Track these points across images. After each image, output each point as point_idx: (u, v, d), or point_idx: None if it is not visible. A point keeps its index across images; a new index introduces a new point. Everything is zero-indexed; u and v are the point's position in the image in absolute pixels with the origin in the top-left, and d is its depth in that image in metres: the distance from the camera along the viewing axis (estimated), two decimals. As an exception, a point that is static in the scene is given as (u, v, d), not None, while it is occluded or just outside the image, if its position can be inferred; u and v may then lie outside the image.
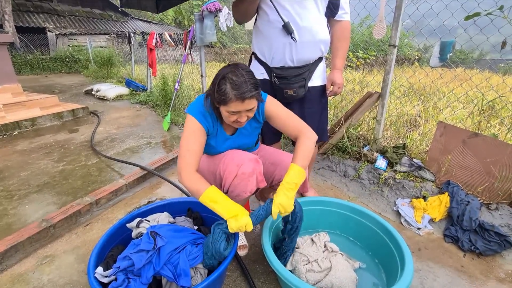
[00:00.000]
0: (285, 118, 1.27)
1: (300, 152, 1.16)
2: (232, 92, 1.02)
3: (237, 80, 1.02)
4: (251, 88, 1.03)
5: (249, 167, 1.20)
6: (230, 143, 1.32)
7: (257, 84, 1.08)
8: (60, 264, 1.38)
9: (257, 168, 1.23)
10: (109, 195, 1.89)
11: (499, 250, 1.44)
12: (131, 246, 1.09)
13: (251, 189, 1.23)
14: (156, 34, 4.84)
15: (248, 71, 1.08)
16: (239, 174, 1.19)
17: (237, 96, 1.02)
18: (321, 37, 1.44)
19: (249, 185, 1.22)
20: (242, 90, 1.02)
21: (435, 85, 3.61)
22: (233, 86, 1.02)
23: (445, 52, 1.69)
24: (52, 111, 3.89)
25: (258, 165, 1.24)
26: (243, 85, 1.02)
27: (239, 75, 1.04)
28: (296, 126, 1.24)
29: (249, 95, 1.02)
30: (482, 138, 1.67)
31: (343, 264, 1.25)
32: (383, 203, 1.90)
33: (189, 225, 1.36)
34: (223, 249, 1.05)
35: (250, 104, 1.06)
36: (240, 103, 1.04)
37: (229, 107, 1.05)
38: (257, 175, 1.23)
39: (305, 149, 1.17)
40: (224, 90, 1.03)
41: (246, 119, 1.12)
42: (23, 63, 9.98)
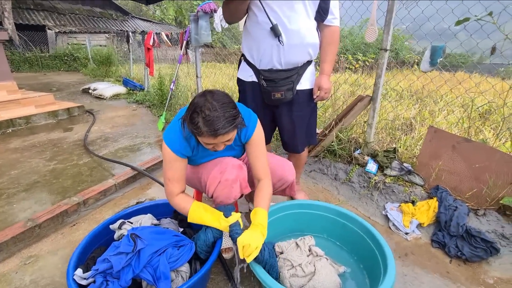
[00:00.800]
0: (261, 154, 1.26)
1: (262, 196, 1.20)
2: (204, 128, 0.96)
3: (209, 115, 0.95)
4: (225, 124, 0.97)
5: (233, 174, 1.19)
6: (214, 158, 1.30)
7: (234, 116, 1.01)
8: (43, 265, 1.38)
9: (241, 175, 1.22)
10: (98, 195, 1.88)
11: (485, 256, 1.43)
12: (112, 248, 1.08)
13: (235, 196, 1.22)
14: (153, 33, 4.83)
15: (224, 102, 1.00)
16: (222, 181, 1.18)
17: (209, 133, 0.97)
18: (309, 40, 1.43)
19: (233, 192, 1.21)
20: (214, 127, 0.96)
21: (432, 88, 3.62)
22: (205, 122, 0.96)
23: (436, 57, 1.69)
24: (47, 109, 3.88)
25: (241, 172, 1.23)
26: (215, 121, 0.96)
27: (212, 109, 0.96)
28: (264, 168, 1.25)
29: (222, 131, 0.97)
30: (472, 143, 1.66)
31: (327, 268, 1.25)
32: (372, 207, 1.89)
33: (174, 227, 1.35)
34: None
35: (224, 138, 1.01)
36: (212, 139, 1.00)
37: (202, 139, 1.03)
38: (240, 182, 1.22)
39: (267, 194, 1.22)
40: (197, 124, 0.97)
41: (223, 147, 1.09)
42: (22, 60, 9.97)
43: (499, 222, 1.53)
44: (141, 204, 1.47)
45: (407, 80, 4.48)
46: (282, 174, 1.38)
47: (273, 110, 1.63)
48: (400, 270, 1.41)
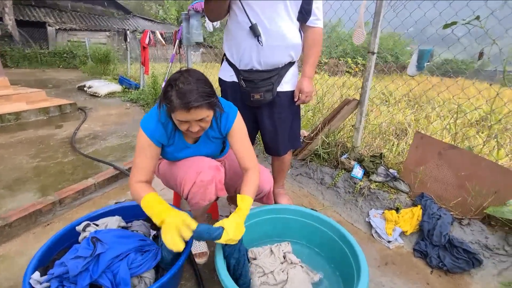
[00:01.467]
0: (245, 146, 1.24)
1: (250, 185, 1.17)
2: (177, 101, 0.95)
3: (183, 88, 0.95)
4: (198, 98, 0.95)
5: (209, 175, 1.16)
6: (191, 152, 1.26)
7: (209, 94, 1.00)
8: (9, 266, 1.33)
9: (217, 176, 1.19)
10: (75, 195, 1.84)
11: (467, 268, 1.39)
12: (72, 251, 1.04)
13: (210, 198, 1.18)
14: (149, 32, 4.81)
15: (200, 78, 1.00)
16: (197, 182, 1.15)
17: (181, 106, 0.95)
18: (290, 41, 1.39)
19: (207, 194, 1.17)
20: (187, 99, 0.94)
21: (431, 94, 3.56)
22: (178, 94, 0.95)
23: (423, 61, 1.65)
24: (38, 105, 3.85)
25: (218, 173, 1.19)
26: (188, 94, 0.94)
27: (186, 82, 0.96)
28: (251, 159, 1.23)
29: (195, 104, 0.94)
30: (458, 150, 1.62)
31: (300, 277, 1.20)
32: (356, 213, 1.85)
33: (144, 230, 1.31)
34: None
35: (197, 114, 0.98)
36: (185, 113, 0.96)
37: (175, 115, 0.99)
38: (216, 183, 1.18)
39: (255, 183, 1.19)
40: (170, 98, 0.96)
41: (198, 129, 1.05)
42: (21, 56, 9.98)
43: (483, 233, 1.48)
44: (113, 205, 1.43)
45: (407, 85, 4.44)
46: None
47: (255, 112, 1.59)
48: (378, 280, 1.36)
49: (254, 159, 1.25)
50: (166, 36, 4.95)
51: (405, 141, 2.44)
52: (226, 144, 1.41)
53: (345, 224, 1.78)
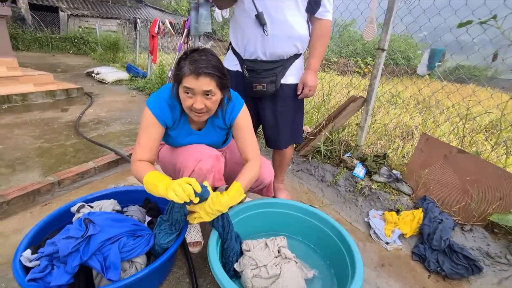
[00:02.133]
0: (248, 138, 1.23)
1: (246, 174, 1.16)
2: (188, 67, 0.97)
3: (196, 57, 0.99)
4: (209, 67, 0.98)
5: (208, 164, 1.14)
6: (194, 139, 1.25)
7: (219, 69, 1.02)
8: (4, 243, 1.34)
9: (216, 166, 1.17)
10: (75, 177, 1.84)
11: (465, 274, 1.35)
12: (64, 231, 1.03)
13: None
14: (158, 21, 4.79)
15: (213, 55, 1.03)
16: (196, 170, 1.13)
17: (192, 70, 0.96)
18: (296, 33, 1.36)
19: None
20: (199, 65, 0.97)
21: (440, 98, 3.48)
22: (191, 61, 0.98)
23: (434, 60, 1.59)
24: (45, 88, 3.87)
25: (218, 163, 1.18)
26: (200, 61, 0.97)
27: (201, 53, 1.00)
28: (253, 151, 1.23)
29: (205, 71, 0.96)
30: (464, 154, 1.57)
31: (293, 272, 1.18)
32: (355, 212, 1.81)
33: (139, 216, 1.30)
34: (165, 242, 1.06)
35: (205, 84, 0.99)
36: (194, 79, 0.97)
37: (183, 83, 1.00)
38: (215, 173, 1.17)
39: (252, 173, 1.18)
40: (181, 65, 0.99)
41: (202, 107, 1.03)
42: (33, 40, 10.06)
43: (485, 240, 1.44)
44: (110, 189, 1.42)
45: (416, 87, 4.35)
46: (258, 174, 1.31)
47: (257, 104, 1.56)
48: (373, 280, 1.34)
49: (256, 151, 1.23)
50: (175, 25, 4.92)
51: (411, 144, 2.38)
52: (229, 136, 1.39)
53: (344, 223, 1.75)
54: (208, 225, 1.59)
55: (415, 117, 3.07)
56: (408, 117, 2.91)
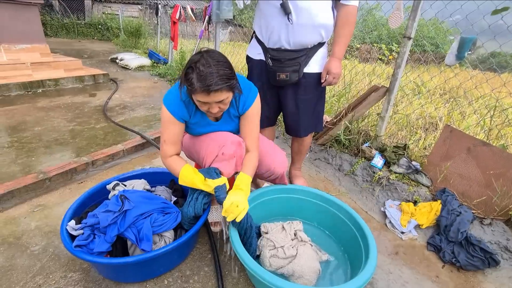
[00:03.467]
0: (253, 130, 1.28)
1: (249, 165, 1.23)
2: (197, 84, 0.97)
3: (203, 71, 0.96)
4: (218, 81, 0.97)
5: (231, 149, 1.19)
6: (213, 129, 1.30)
7: (229, 76, 1.01)
8: (49, 214, 1.50)
9: (238, 152, 1.21)
10: (106, 158, 1.99)
11: (481, 266, 1.36)
12: (102, 206, 1.15)
13: (229, 172, 1.22)
14: (180, 7, 4.82)
15: (219, 60, 1.01)
16: (219, 155, 1.18)
17: (202, 88, 0.97)
18: (321, 21, 1.36)
19: (227, 168, 1.21)
20: (207, 82, 0.96)
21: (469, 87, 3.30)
22: (199, 77, 0.96)
23: (464, 50, 1.54)
24: (74, 74, 4.08)
25: (240, 149, 1.22)
26: (208, 77, 0.96)
27: (206, 65, 0.97)
28: (254, 143, 1.28)
29: (215, 88, 0.96)
30: (490, 148, 1.53)
31: (309, 254, 1.24)
32: (372, 202, 1.84)
33: (167, 195, 1.41)
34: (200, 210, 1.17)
35: (217, 96, 1.00)
36: (205, 95, 0.99)
37: (196, 97, 1.03)
38: (237, 159, 1.21)
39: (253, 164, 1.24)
40: (191, 80, 0.98)
41: (218, 110, 1.08)
42: (60, 26, 10.43)
43: (505, 234, 1.43)
44: (140, 169, 1.54)
45: (442, 77, 4.15)
46: (270, 165, 1.35)
47: (279, 92, 1.59)
48: (386, 267, 1.38)
49: (256, 142, 1.29)
50: (197, 12, 4.94)
51: (434, 135, 2.33)
52: None
53: (359, 211, 1.78)
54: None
55: (440, 108, 2.96)
56: (432, 108, 2.82)
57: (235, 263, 1.30)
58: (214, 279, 1.21)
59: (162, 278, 1.19)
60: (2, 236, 1.33)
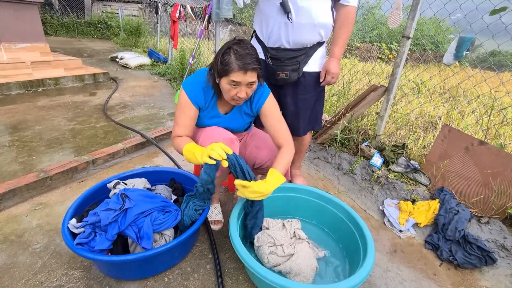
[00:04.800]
0: (278, 124, 1.28)
1: (282, 160, 1.21)
2: (236, 62, 1.05)
3: (241, 52, 1.06)
4: (254, 61, 1.07)
5: None
6: (220, 121, 1.33)
7: (259, 61, 1.11)
8: (50, 212, 1.51)
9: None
10: (107, 157, 2.00)
11: (478, 264, 1.37)
12: (103, 204, 1.16)
13: (222, 169, 1.24)
14: (180, 6, 4.82)
15: (252, 47, 1.11)
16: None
17: (240, 66, 1.05)
18: (321, 20, 1.37)
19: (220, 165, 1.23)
20: (246, 61, 1.05)
21: (468, 87, 3.32)
22: (237, 57, 1.05)
23: (462, 49, 1.55)
24: (75, 73, 4.08)
25: (232, 146, 1.23)
26: (247, 56, 1.05)
27: (244, 47, 1.07)
28: (285, 136, 1.27)
29: (252, 66, 1.05)
30: (487, 147, 1.55)
31: (306, 251, 1.26)
32: (370, 200, 1.85)
33: (167, 194, 1.42)
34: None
35: (251, 76, 1.08)
36: (242, 74, 1.06)
37: (230, 77, 1.08)
38: None
39: (287, 159, 1.22)
40: (228, 60, 1.06)
41: (245, 95, 1.13)
42: (60, 25, 10.41)
43: (502, 233, 1.45)
44: (140, 168, 1.55)
45: (441, 76, 4.16)
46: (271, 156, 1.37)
47: (279, 91, 1.60)
48: (384, 265, 1.39)
49: (288, 136, 1.29)
50: (196, 10, 4.94)
51: (433, 134, 2.34)
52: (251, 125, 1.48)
53: (358, 210, 1.80)
54: (228, 206, 1.70)
55: (440, 107, 2.97)
56: (431, 107, 2.83)
57: (236, 260, 1.31)
58: (214, 276, 1.22)
59: (163, 275, 1.20)
60: (4, 234, 1.35)
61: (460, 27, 1.98)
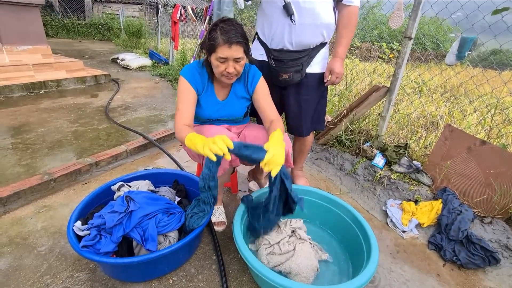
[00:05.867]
0: (269, 101, 1.35)
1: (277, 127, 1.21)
2: (221, 37, 1.10)
3: (226, 27, 1.11)
4: (239, 36, 1.12)
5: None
6: (220, 108, 1.37)
7: (245, 36, 1.16)
8: (54, 215, 1.52)
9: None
10: (109, 159, 2.01)
11: (482, 265, 1.37)
12: (108, 206, 1.17)
13: (224, 168, 1.25)
14: (180, 7, 4.83)
15: (239, 24, 1.16)
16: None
17: (225, 40, 1.10)
18: (323, 21, 1.37)
19: (222, 164, 1.22)
20: (230, 35, 1.10)
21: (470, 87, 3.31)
22: (222, 32, 1.11)
23: (464, 49, 1.55)
24: (76, 74, 4.10)
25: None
26: (231, 31, 1.11)
27: (229, 24, 1.13)
28: (275, 112, 1.34)
29: (236, 40, 1.10)
30: (490, 147, 1.55)
31: (307, 252, 1.25)
32: (373, 201, 1.85)
33: (170, 196, 1.42)
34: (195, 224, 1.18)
35: (237, 51, 1.13)
36: (227, 48, 1.11)
37: (217, 53, 1.13)
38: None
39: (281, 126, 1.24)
40: (214, 36, 1.11)
41: (233, 70, 1.17)
42: (61, 26, 10.44)
43: (506, 233, 1.44)
44: (144, 170, 1.55)
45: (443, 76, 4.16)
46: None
47: (281, 92, 1.60)
48: (388, 266, 1.40)
49: (277, 113, 1.35)
50: (197, 11, 4.95)
51: (435, 134, 2.34)
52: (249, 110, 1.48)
53: (361, 210, 1.80)
54: (231, 207, 1.70)
55: (441, 106, 2.97)
56: (433, 107, 2.83)
57: (239, 262, 1.32)
58: (218, 278, 1.23)
59: (167, 277, 1.21)
60: (9, 237, 1.35)
61: (461, 26, 1.98)
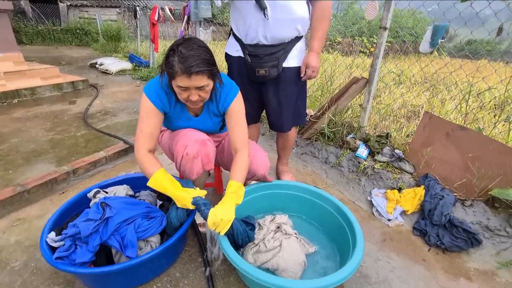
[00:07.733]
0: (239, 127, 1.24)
1: (238, 169, 1.16)
2: (178, 65, 0.96)
3: (185, 53, 0.96)
4: (200, 64, 0.97)
5: (194, 149, 1.18)
6: (192, 124, 1.29)
7: (210, 62, 1.02)
8: (29, 227, 1.45)
9: (203, 151, 1.20)
10: (88, 166, 1.93)
11: (465, 247, 1.40)
12: (83, 215, 1.11)
13: (197, 171, 1.22)
14: (158, 8, 4.74)
15: (201, 46, 1.02)
16: (184, 156, 1.18)
17: (183, 70, 0.96)
18: (297, 15, 1.36)
19: (194, 167, 1.21)
20: (189, 63, 0.95)
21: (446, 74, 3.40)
22: (180, 59, 0.96)
23: (437, 37, 1.58)
24: (52, 81, 3.94)
25: (204, 147, 1.20)
26: (190, 59, 0.95)
27: (188, 48, 0.97)
28: (242, 140, 1.23)
29: (196, 69, 0.96)
30: (467, 131, 1.58)
31: (293, 247, 1.24)
32: (358, 192, 1.87)
33: (151, 199, 1.38)
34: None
35: (198, 80, 0.99)
36: (186, 78, 0.97)
37: (176, 82, 1.01)
38: (202, 158, 1.20)
39: (243, 165, 1.18)
40: (171, 63, 0.97)
41: (198, 98, 1.06)
42: (35, 33, 10.04)
43: (486, 214, 1.48)
44: (122, 175, 1.50)
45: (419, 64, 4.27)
46: (251, 166, 1.30)
47: (260, 88, 1.58)
48: (374, 254, 1.40)
49: (245, 140, 1.24)
50: (176, 12, 4.87)
51: (416, 123, 2.38)
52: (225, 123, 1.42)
53: (347, 202, 1.80)
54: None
55: (421, 96, 3.04)
56: (413, 97, 2.88)
57: (225, 262, 1.29)
58: (204, 280, 1.20)
59: (151, 283, 1.17)
60: (-21, 254, 1.27)
61: (437, 17, 2.02)
